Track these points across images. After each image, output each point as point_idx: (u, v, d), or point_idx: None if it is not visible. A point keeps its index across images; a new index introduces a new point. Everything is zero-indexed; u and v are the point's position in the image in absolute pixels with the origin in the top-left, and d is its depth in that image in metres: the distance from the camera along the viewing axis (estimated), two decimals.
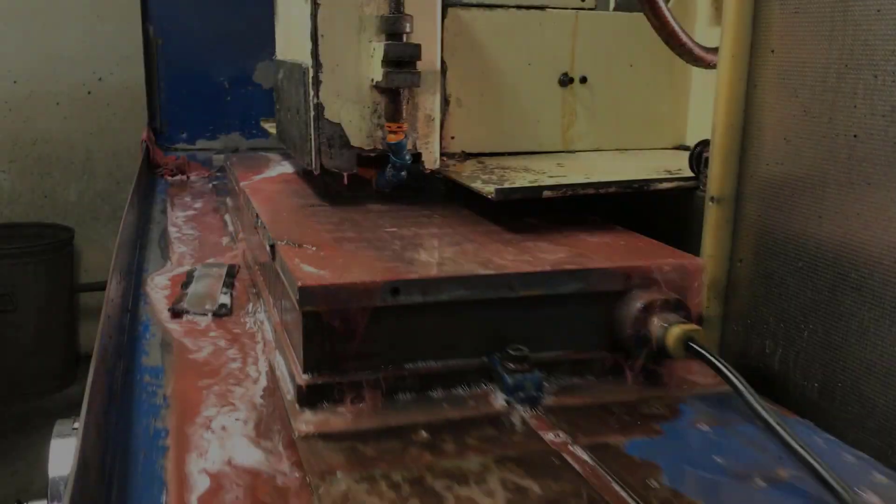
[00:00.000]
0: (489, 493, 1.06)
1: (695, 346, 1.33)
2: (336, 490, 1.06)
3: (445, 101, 2.11)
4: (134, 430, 1.24)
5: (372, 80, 1.82)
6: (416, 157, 1.91)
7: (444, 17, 2.00)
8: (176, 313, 1.75)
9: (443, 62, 2.00)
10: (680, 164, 1.92)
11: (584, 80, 2.23)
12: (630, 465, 1.15)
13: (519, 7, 2.15)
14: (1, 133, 4.47)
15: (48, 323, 4.36)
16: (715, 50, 1.71)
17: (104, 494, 1.06)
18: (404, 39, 1.77)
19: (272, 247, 1.57)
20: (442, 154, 1.98)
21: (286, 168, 2.50)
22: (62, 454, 1.23)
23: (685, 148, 2.27)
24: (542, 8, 2.17)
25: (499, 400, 1.34)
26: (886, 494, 1.10)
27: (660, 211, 1.91)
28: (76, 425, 1.11)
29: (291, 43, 2.12)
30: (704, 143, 1.71)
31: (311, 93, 1.82)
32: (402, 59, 1.76)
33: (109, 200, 4.68)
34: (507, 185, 1.73)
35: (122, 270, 1.85)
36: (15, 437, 3.92)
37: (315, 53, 1.79)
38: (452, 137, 2.15)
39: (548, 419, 1.30)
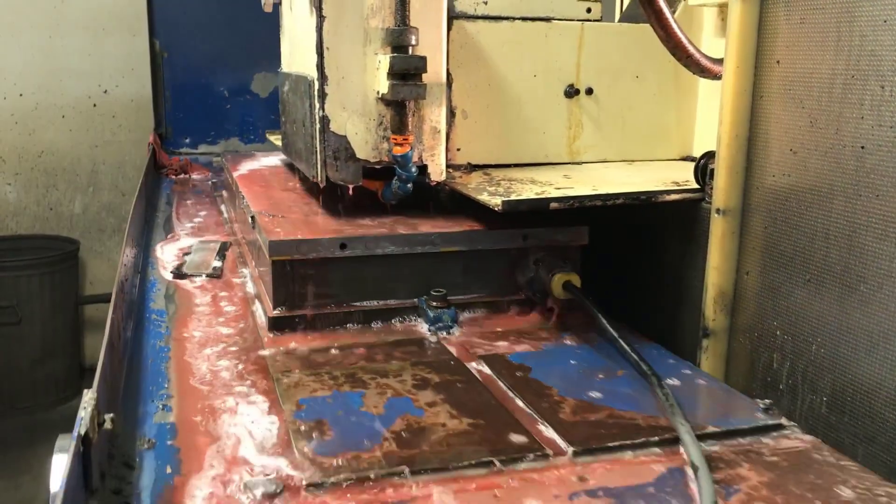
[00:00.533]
0: (401, 381, 1.49)
1: (570, 286, 1.76)
2: (291, 380, 1.49)
3: (451, 113, 2.12)
4: (144, 348, 1.66)
5: (378, 92, 1.84)
6: (422, 169, 1.93)
7: (449, 29, 2.02)
8: (177, 275, 2.14)
9: (448, 74, 2.02)
10: (687, 176, 1.93)
11: (589, 91, 2.24)
12: (509, 366, 1.58)
13: (524, 19, 2.17)
14: (7, 145, 4.53)
15: (53, 335, 4.39)
16: (721, 61, 1.72)
17: (123, 382, 1.49)
18: (410, 52, 1.79)
19: (252, 217, 1.97)
20: (448, 166, 2.00)
21: (270, 161, 3.00)
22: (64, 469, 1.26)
23: (692, 159, 2.27)
24: (547, 19, 2.19)
25: (423, 329, 1.76)
26: (685, 380, 1.52)
27: (666, 222, 1.92)
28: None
29: (297, 56, 2.14)
30: (710, 155, 1.72)
31: (317, 105, 1.84)
32: (407, 72, 1.78)
33: (114, 212, 4.73)
34: (513, 197, 1.75)
35: (134, 238, 2.26)
36: (19, 450, 3.94)
37: (321, 66, 1.81)
38: (458, 149, 2.16)
39: (457, 340, 1.72)
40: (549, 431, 1.30)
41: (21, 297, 4.23)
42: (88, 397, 1.10)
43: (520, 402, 1.41)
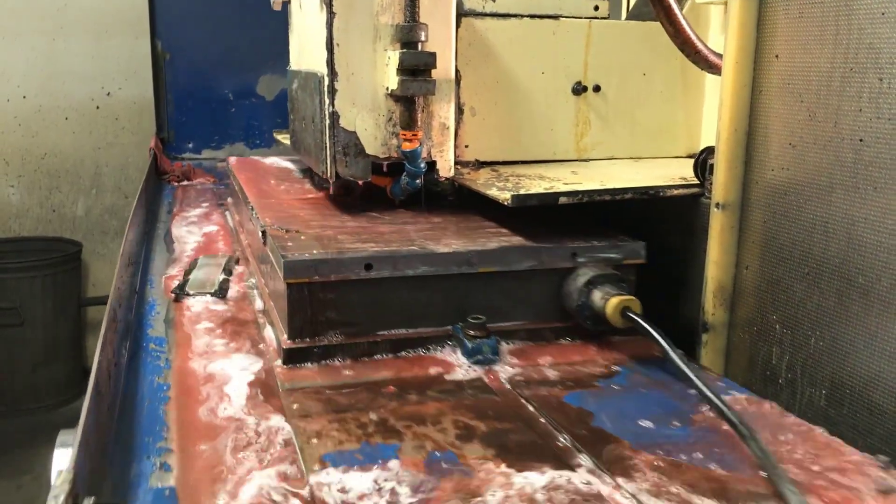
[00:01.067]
0: (442, 430, 1.31)
1: (630, 314, 1.58)
2: (311, 427, 1.31)
3: (459, 110, 2.18)
4: (140, 386, 1.49)
5: (387, 88, 1.91)
6: (431, 165, 2.00)
7: (458, 26, 2.08)
8: (179, 295, 1.99)
9: (457, 71, 2.08)
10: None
11: (597, 88, 2.30)
12: (565, 410, 1.41)
13: (532, 16, 2.24)
14: (10, 147, 4.64)
15: (55, 337, 4.48)
16: None
17: (113, 434, 1.31)
18: (419, 48, 1.86)
19: (263, 232, 1.86)
20: (456, 162, 2.07)
21: (275, 164, 2.97)
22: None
23: None
24: (555, 17, 2.26)
25: (460, 361, 1.60)
26: (791, 432, 1.34)
27: (666, 217, 1.96)
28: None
29: (306, 52, 2.22)
30: (709, 150, 1.77)
31: (327, 101, 1.91)
32: (417, 68, 1.85)
33: (117, 215, 4.83)
34: (522, 192, 1.80)
35: (129, 254, 2.15)
36: (21, 451, 4.02)
37: (330, 62, 1.88)
38: (466, 146, 2.22)
39: (500, 377, 1.55)
40: (628, 499, 1.13)
41: (23, 298, 4.33)
42: (61, 480, 0.90)
43: (586, 459, 1.23)
